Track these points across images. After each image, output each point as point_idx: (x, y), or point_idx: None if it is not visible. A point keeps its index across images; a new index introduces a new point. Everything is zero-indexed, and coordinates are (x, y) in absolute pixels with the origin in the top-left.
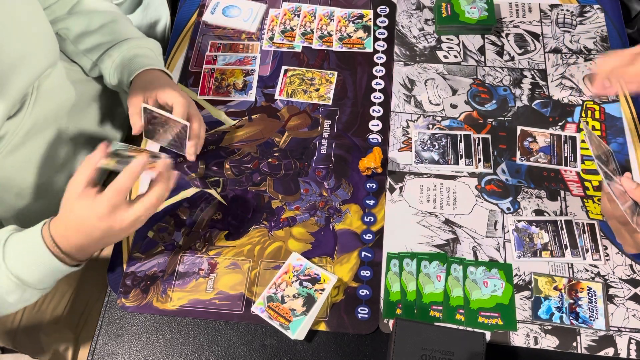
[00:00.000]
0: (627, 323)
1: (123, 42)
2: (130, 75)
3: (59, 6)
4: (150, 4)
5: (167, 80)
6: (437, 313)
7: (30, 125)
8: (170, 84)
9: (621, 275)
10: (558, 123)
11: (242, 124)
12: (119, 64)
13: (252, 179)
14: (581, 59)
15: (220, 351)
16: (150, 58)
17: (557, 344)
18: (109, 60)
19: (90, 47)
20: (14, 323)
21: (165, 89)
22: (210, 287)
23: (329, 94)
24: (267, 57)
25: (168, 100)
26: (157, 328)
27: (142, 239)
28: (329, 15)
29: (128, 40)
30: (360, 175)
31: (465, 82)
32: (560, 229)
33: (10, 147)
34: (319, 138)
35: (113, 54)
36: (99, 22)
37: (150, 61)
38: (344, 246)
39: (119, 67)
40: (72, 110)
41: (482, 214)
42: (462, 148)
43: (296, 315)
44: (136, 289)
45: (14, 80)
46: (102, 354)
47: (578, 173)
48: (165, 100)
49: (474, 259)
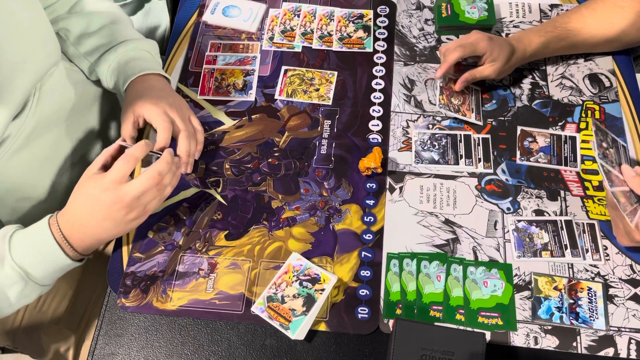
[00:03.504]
0: (627, 323)
1: (119, 45)
2: (126, 81)
3: (60, 5)
4: (151, 10)
5: (158, 91)
6: (437, 313)
7: (33, 127)
8: (160, 95)
9: (621, 275)
10: (558, 123)
11: (242, 124)
12: (115, 69)
13: (252, 179)
14: (581, 59)
15: (220, 351)
16: (146, 61)
17: (557, 344)
18: (105, 64)
19: (90, 50)
20: (14, 323)
21: (150, 108)
22: (210, 287)
23: (329, 94)
24: (267, 57)
25: (153, 122)
26: (157, 328)
27: (142, 238)
28: (329, 15)
29: (125, 43)
30: (360, 175)
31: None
32: (560, 229)
33: (13, 149)
34: (319, 138)
35: (109, 58)
36: (98, 24)
37: (146, 64)
38: (344, 246)
39: (114, 71)
40: (74, 110)
41: (482, 214)
42: (462, 148)
43: (296, 315)
44: (136, 289)
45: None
46: (102, 354)
47: (578, 173)
48: (151, 122)
49: (474, 259)
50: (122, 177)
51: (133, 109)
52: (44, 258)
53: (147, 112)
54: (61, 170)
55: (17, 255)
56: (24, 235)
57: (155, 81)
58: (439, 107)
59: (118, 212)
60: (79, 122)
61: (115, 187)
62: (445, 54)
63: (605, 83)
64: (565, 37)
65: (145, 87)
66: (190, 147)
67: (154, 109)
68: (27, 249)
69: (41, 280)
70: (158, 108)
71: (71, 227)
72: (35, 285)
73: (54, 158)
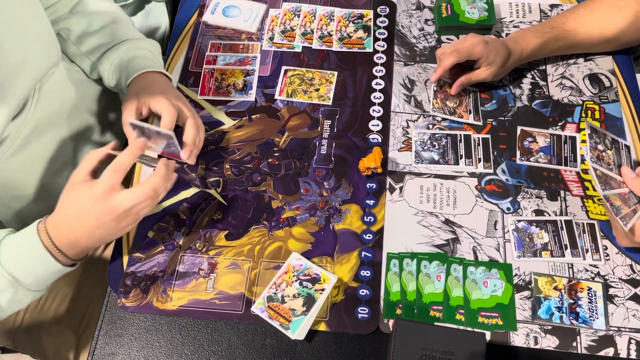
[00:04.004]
0: (627, 323)
1: (121, 43)
2: (128, 78)
3: (62, 5)
4: (151, 11)
5: (162, 85)
6: (437, 313)
7: (33, 127)
8: (164, 89)
9: (621, 275)
10: (558, 123)
11: (242, 124)
12: (117, 66)
13: (252, 179)
14: (581, 59)
15: (220, 351)
16: (148, 59)
17: (557, 344)
18: (107, 62)
19: (91, 49)
20: (15, 323)
21: (157, 96)
22: (210, 287)
23: (329, 94)
24: (267, 57)
25: (158, 109)
26: (157, 328)
27: (142, 239)
28: (329, 15)
29: (127, 42)
30: (360, 175)
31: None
32: (560, 229)
33: (13, 149)
34: (319, 138)
35: (111, 56)
36: (99, 23)
37: (148, 63)
38: (344, 246)
39: (117, 69)
40: (73, 111)
41: (482, 214)
42: (462, 148)
43: (296, 315)
44: (136, 289)
45: (18, 82)
46: (102, 354)
47: (578, 173)
48: (156, 109)
49: (474, 259)
50: (113, 187)
51: (138, 97)
52: (33, 264)
53: (154, 99)
54: (60, 170)
55: (7, 262)
56: (13, 241)
57: (159, 78)
58: (432, 111)
59: (109, 222)
60: (78, 122)
61: (105, 197)
62: (440, 58)
63: (605, 83)
64: (563, 37)
65: (148, 82)
66: (196, 136)
67: (160, 97)
68: (16, 256)
69: (32, 286)
70: (164, 96)
71: (60, 234)
72: (26, 291)
73: (53, 158)
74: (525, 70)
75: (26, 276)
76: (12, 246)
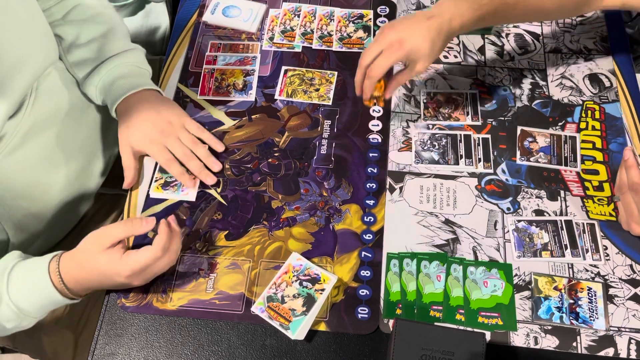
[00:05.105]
0: (627, 323)
1: (103, 63)
2: (113, 104)
3: (57, 9)
4: (151, 11)
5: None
6: (437, 313)
7: (29, 126)
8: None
9: (621, 275)
10: (558, 123)
11: (242, 124)
12: (101, 90)
13: (252, 179)
14: (581, 59)
15: (220, 351)
16: (131, 77)
17: (557, 344)
18: (91, 87)
19: (76, 61)
20: None
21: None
22: (210, 287)
23: (329, 94)
24: (267, 57)
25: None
26: (157, 328)
27: (142, 239)
28: (329, 16)
29: (109, 61)
30: (360, 175)
31: (465, 82)
32: (560, 229)
33: (9, 148)
34: (319, 138)
35: (94, 80)
36: (87, 36)
37: (130, 82)
38: (344, 246)
39: (101, 93)
40: (70, 111)
41: (482, 214)
42: (462, 148)
43: (296, 315)
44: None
45: (16, 80)
46: (102, 354)
47: (578, 173)
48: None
49: (474, 259)
50: (142, 268)
51: (130, 146)
52: (40, 298)
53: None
54: (57, 169)
55: (15, 295)
56: (25, 274)
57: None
58: (424, 119)
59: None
60: (75, 122)
61: (130, 275)
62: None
63: (605, 83)
64: (502, 10)
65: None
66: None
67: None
68: (25, 291)
69: (36, 313)
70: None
71: (75, 281)
72: (31, 319)
73: (50, 157)
74: (525, 70)
75: (32, 307)
76: (22, 280)
